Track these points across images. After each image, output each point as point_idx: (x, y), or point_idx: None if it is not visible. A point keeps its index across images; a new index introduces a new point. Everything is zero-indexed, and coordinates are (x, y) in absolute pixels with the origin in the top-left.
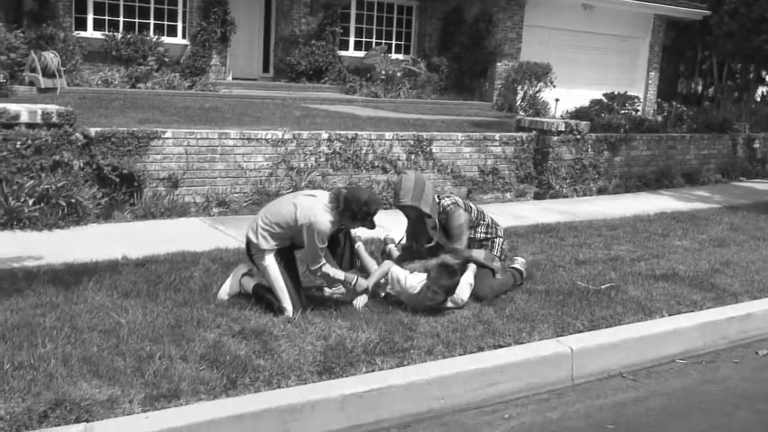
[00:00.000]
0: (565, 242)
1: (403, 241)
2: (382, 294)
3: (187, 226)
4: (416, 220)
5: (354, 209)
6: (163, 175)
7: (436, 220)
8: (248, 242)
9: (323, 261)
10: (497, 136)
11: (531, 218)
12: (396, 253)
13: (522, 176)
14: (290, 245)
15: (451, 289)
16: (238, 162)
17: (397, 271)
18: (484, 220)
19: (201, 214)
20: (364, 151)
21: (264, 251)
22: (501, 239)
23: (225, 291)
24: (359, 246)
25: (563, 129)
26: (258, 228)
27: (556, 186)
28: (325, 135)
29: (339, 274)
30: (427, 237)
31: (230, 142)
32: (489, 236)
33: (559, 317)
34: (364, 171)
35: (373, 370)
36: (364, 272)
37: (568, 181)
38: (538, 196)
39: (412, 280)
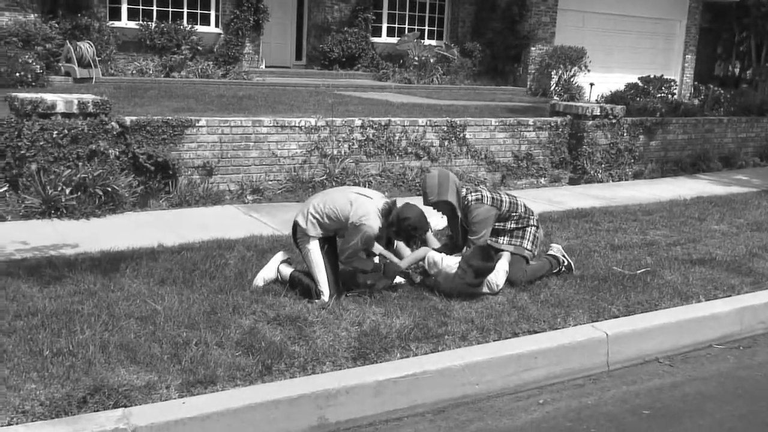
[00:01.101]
0: (600, 227)
1: (444, 230)
2: (417, 279)
3: (222, 214)
4: (451, 215)
5: (400, 227)
6: (197, 163)
7: (459, 213)
8: (295, 225)
9: (352, 259)
10: (531, 121)
11: (565, 203)
12: (435, 241)
13: (556, 161)
14: (334, 234)
15: (481, 271)
16: (272, 150)
17: (434, 255)
18: (515, 212)
19: (235, 201)
20: (397, 138)
21: (309, 237)
22: (534, 227)
23: (261, 277)
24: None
25: (598, 113)
26: (308, 214)
27: (590, 171)
28: (358, 122)
29: (368, 264)
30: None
31: (264, 130)
32: (519, 226)
33: (594, 302)
34: (397, 157)
35: (407, 356)
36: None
37: (603, 166)
38: (572, 182)
39: (450, 260)
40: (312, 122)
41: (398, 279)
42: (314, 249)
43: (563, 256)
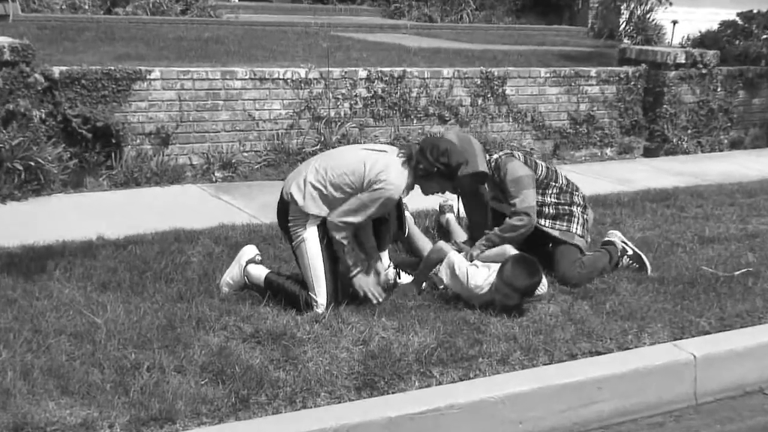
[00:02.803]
0: (685, 214)
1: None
2: (440, 286)
3: (182, 196)
4: (470, 188)
5: (430, 161)
6: (149, 129)
7: (486, 188)
8: (283, 204)
9: (351, 227)
10: (594, 72)
11: (639, 182)
12: (456, 227)
13: (627, 126)
14: None
15: (530, 291)
16: (248, 111)
17: (458, 261)
18: (555, 182)
19: (200, 179)
20: (414, 94)
21: (308, 217)
22: (581, 207)
23: (225, 282)
24: (450, 217)
25: (683, 61)
26: (306, 185)
27: (673, 138)
28: (362, 73)
29: (350, 257)
30: (485, 212)
31: (237, 84)
32: (563, 202)
33: (678, 314)
34: (414, 120)
35: (428, 385)
36: (416, 256)
37: (689, 131)
38: (648, 153)
39: (478, 277)
40: (301, 74)
41: (405, 277)
42: (311, 238)
43: (624, 243)
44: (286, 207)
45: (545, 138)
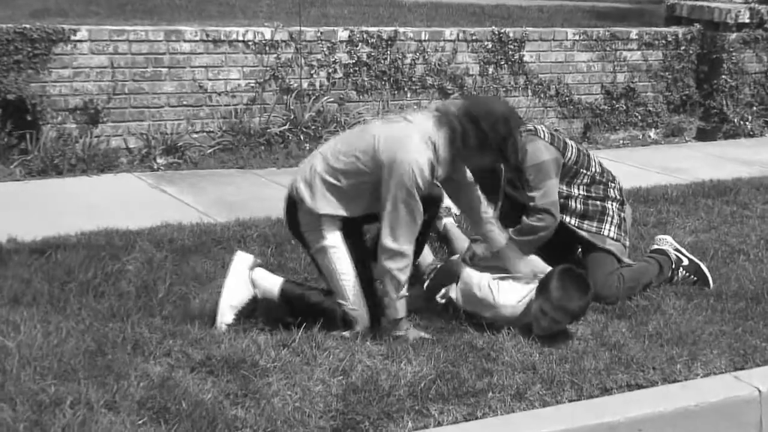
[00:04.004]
0: (749, 212)
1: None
2: (441, 300)
3: (115, 188)
4: (482, 170)
5: (484, 130)
6: (74, 104)
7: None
8: (291, 202)
9: (411, 244)
10: (634, 33)
11: (691, 172)
12: (457, 232)
13: (676, 102)
14: (362, 219)
15: (583, 313)
16: (199, 81)
17: (476, 280)
18: (587, 169)
19: (138, 167)
20: (408, 61)
21: (322, 220)
22: (617, 204)
23: (228, 308)
24: (447, 222)
25: (747, 20)
26: (315, 176)
27: (733, 118)
28: (343, 34)
29: (401, 304)
30: (499, 196)
31: (185, 48)
32: (595, 195)
33: (739, 338)
34: (408, 93)
35: (425, 426)
36: (417, 266)
37: (754, 109)
38: (703, 135)
39: (511, 294)
40: (266, 34)
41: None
42: (336, 245)
43: (677, 252)
44: (294, 206)
45: (573, 116)
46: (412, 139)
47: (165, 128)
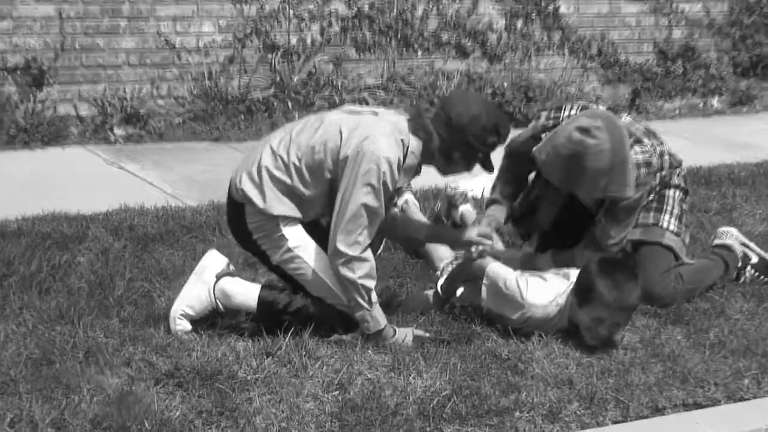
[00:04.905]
0: None
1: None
2: (457, 304)
3: (64, 164)
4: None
5: (472, 133)
6: (13, 62)
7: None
8: (235, 206)
9: (367, 247)
10: None
11: (763, 148)
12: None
13: (745, 64)
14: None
15: (639, 302)
16: (165, 35)
17: (503, 274)
18: (661, 169)
19: (91, 139)
20: (419, 12)
21: (278, 222)
22: (680, 192)
23: (181, 312)
24: (464, 210)
25: None
26: (262, 174)
27: None
28: None
29: (378, 306)
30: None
31: None
32: (655, 184)
33: None
34: (419, 52)
35: None
36: (419, 256)
37: None
38: None
39: (541, 292)
40: None
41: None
42: (298, 243)
43: (744, 246)
44: (240, 210)
45: (619, 80)
46: (384, 132)
47: (124, 92)
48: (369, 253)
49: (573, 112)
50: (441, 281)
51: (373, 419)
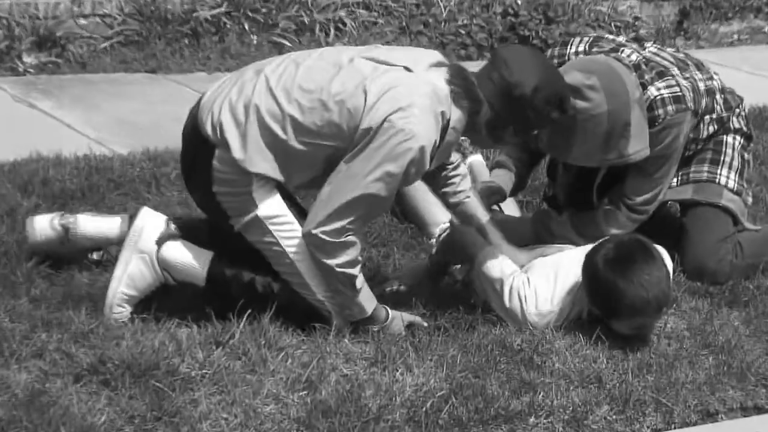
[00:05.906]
0: None
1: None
2: (460, 277)
3: None
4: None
5: (533, 106)
6: None
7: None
8: (198, 143)
9: (357, 252)
10: None
11: None
12: (484, 170)
13: None
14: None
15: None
16: None
17: (497, 272)
18: (712, 111)
19: None
20: None
21: (251, 181)
22: (741, 138)
23: (120, 298)
24: (474, 160)
25: None
26: (251, 115)
27: None
28: None
29: (365, 289)
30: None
31: None
32: (712, 130)
33: None
34: None
35: None
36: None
37: None
38: None
39: (548, 299)
40: None
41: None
42: (276, 212)
43: None
44: (204, 150)
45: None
46: (423, 105)
47: (36, 9)
48: (355, 237)
49: (581, 48)
50: (434, 250)
51: (350, 426)
